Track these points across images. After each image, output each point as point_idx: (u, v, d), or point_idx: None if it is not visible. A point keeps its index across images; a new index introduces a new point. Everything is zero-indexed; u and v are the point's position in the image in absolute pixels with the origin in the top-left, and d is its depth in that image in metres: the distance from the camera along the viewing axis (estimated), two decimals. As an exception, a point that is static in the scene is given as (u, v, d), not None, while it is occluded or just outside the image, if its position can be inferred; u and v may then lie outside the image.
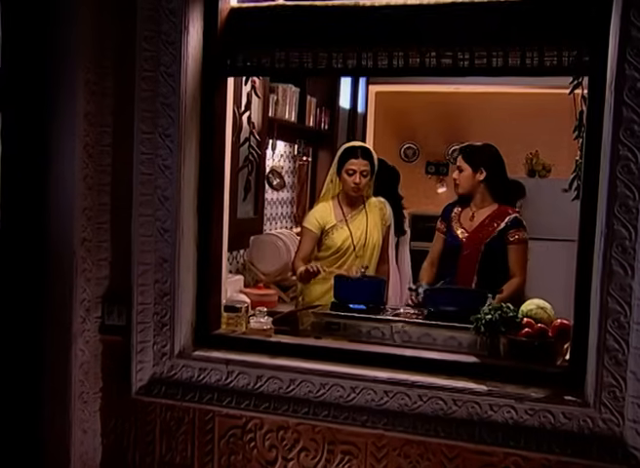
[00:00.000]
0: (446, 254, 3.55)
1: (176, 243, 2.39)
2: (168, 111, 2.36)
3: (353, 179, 3.58)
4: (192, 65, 2.39)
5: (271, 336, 2.55)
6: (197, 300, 2.51)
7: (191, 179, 2.43)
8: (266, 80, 3.61)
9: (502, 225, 3.40)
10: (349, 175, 3.58)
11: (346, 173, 3.59)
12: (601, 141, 2.08)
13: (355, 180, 3.57)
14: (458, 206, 3.59)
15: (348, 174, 3.59)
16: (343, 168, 3.59)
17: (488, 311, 2.40)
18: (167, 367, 2.42)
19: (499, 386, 2.18)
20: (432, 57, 2.30)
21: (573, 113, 6.79)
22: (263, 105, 3.82)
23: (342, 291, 3.01)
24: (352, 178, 3.58)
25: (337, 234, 3.61)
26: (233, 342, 2.50)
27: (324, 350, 2.42)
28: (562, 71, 2.24)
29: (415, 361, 2.34)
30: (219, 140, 2.53)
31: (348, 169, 3.59)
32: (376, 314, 2.91)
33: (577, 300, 2.18)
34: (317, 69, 2.43)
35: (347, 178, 3.59)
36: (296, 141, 5.06)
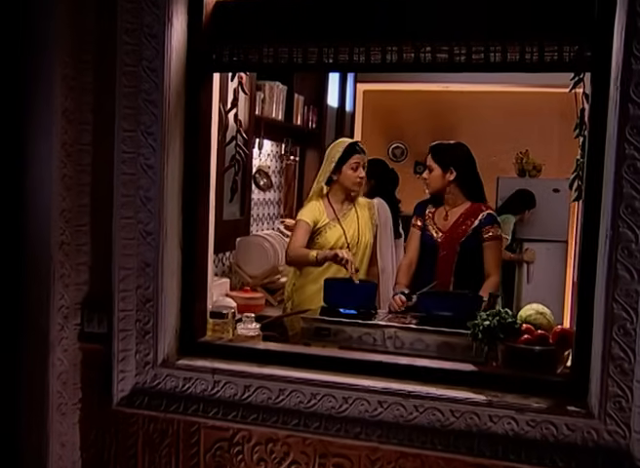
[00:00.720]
0: (423, 255, 3.47)
1: (159, 246, 2.28)
2: (150, 108, 2.24)
3: (358, 174, 3.54)
4: (176, 60, 2.28)
5: (259, 343, 2.45)
6: (182, 306, 2.39)
7: (175, 179, 2.32)
8: (253, 77, 3.50)
9: (476, 223, 3.35)
10: (354, 169, 3.51)
11: (350, 168, 3.52)
12: (605, 140, 1.99)
13: (360, 175, 3.54)
14: (430, 205, 3.52)
15: (352, 168, 3.51)
16: (347, 163, 3.51)
17: (486, 317, 2.30)
18: (150, 376, 2.31)
19: (498, 396, 2.08)
20: (427, 52, 2.20)
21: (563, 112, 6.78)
22: (250, 103, 3.72)
23: (333, 295, 2.91)
24: (357, 173, 3.53)
25: (330, 232, 3.52)
26: (219, 350, 2.39)
27: (315, 358, 2.31)
28: (563, 67, 2.13)
29: (410, 369, 2.23)
30: (204, 139, 2.42)
31: (353, 163, 3.52)
32: (367, 319, 2.82)
33: (579, 306, 2.08)
34: (307, 65, 2.33)
35: (352, 174, 3.53)
36: (283, 141, 4.95)
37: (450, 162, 3.39)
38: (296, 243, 3.49)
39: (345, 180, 3.54)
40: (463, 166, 3.41)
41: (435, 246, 3.40)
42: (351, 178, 3.54)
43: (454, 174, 3.38)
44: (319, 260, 3.32)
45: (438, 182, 3.44)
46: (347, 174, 3.53)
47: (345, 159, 3.51)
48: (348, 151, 3.52)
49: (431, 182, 3.47)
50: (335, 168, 3.51)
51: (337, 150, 3.54)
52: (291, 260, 3.53)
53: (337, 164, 3.50)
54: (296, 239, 3.50)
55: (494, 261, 3.32)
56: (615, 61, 1.94)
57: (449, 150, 3.44)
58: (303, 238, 3.48)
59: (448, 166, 3.39)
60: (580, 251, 2.10)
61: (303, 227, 3.50)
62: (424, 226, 3.48)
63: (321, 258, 3.32)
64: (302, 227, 3.50)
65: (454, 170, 3.38)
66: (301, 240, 3.47)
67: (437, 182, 3.45)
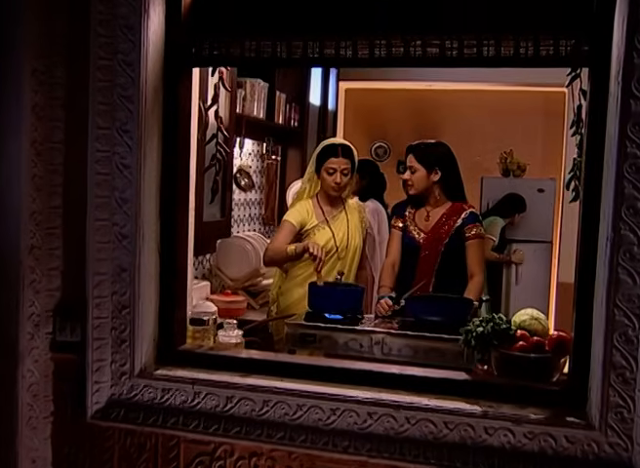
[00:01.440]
0: (404, 256, 3.38)
1: (136, 250, 2.16)
2: (126, 104, 2.12)
3: (334, 179, 3.38)
4: (153, 54, 2.16)
5: (242, 351, 2.34)
6: (160, 313, 2.27)
7: (153, 180, 2.20)
8: (234, 73, 3.38)
9: (459, 221, 3.27)
10: (329, 174, 3.38)
11: (326, 172, 3.39)
12: (604, 138, 1.91)
13: (336, 180, 3.38)
14: (409, 205, 3.43)
15: (328, 173, 3.38)
16: (323, 166, 3.38)
17: (479, 323, 2.21)
18: (126, 387, 2.18)
19: (493, 406, 1.98)
20: (417, 46, 2.10)
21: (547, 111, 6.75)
22: (231, 100, 3.59)
23: (317, 299, 2.81)
24: (333, 178, 3.38)
25: (319, 235, 3.39)
26: (200, 359, 2.27)
27: (301, 367, 2.20)
28: (559, 62, 2.04)
29: (400, 379, 2.13)
30: (183, 137, 2.31)
31: (329, 168, 3.38)
32: (353, 324, 2.72)
33: (577, 311, 2.00)
34: (291, 59, 2.22)
35: (327, 178, 3.39)
36: (264, 139, 4.83)
37: (434, 162, 3.30)
38: (276, 243, 3.37)
39: (323, 184, 3.43)
40: (448, 166, 3.32)
41: (417, 247, 3.31)
42: (328, 183, 3.41)
43: (439, 174, 3.30)
44: (297, 253, 3.20)
45: (422, 183, 3.36)
46: (324, 177, 3.41)
47: (322, 162, 3.39)
48: (325, 154, 3.39)
49: (415, 183, 3.38)
50: (315, 169, 3.39)
51: (316, 152, 3.43)
52: (269, 259, 3.39)
53: (316, 165, 3.38)
54: (277, 239, 3.38)
55: (477, 261, 3.24)
56: (615, 55, 1.85)
57: (432, 150, 3.35)
58: (286, 239, 3.35)
59: (433, 166, 3.30)
60: (577, 253, 2.02)
61: (287, 228, 3.37)
62: (405, 227, 3.39)
63: (299, 251, 3.20)
64: (286, 228, 3.38)
65: (439, 170, 3.29)
66: (283, 241, 3.34)
67: (421, 183, 3.36)
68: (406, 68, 6.07)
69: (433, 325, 2.65)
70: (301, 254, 3.16)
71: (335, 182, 3.38)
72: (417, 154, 3.35)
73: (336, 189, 3.41)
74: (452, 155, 3.35)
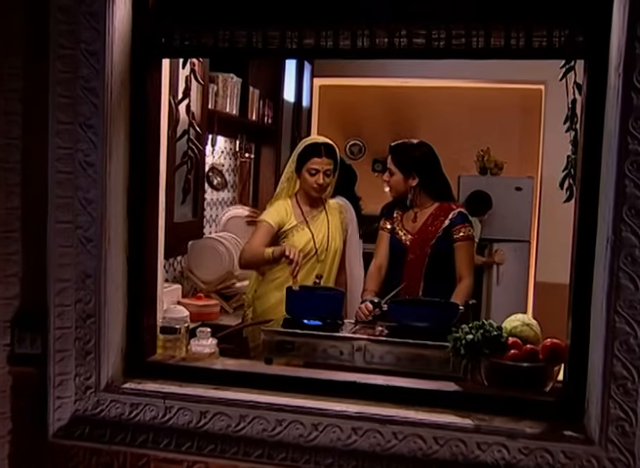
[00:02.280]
0: (391, 259, 3.25)
1: (101, 254, 2.01)
2: (90, 97, 1.97)
3: (316, 180, 3.24)
4: (119, 43, 2.00)
5: (217, 362, 2.19)
6: (128, 322, 2.13)
7: (119, 179, 2.05)
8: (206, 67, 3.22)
9: (447, 222, 3.14)
10: (312, 174, 3.24)
11: (308, 172, 3.24)
12: (603, 134, 1.80)
13: (318, 181, 3.24)
14: (398, 207, 3.30)
15: (311, 173, 3.24)
16: (305, 166, 3.24)
17: (468, 330, 2.08)
18: (92, 403, 2.03)
19: (486, 419, 1.87)
20: (403, 36, 1.98)
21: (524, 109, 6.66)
22: (203, 96, 3.43)
23: (296, 304, 2.67)
24: (315, 179, 3.24)
25: (297, 236, 3.25)
26: (172, 371, 2.12)
27: (280, 379, 2.06)
28: (553, 53, 1.93)
29: (387, 390, 2.00)
30: (152, 133, 2.16)
31: (311, 168, 3.24)
32: (333, 331, 2.59)
33: (574, 318, 1.88)
34: (268, 50, 2.08)
35: (309, 178, 3.25)
36: (237, 137, 4.68)
37: (412, 167, 3.18)
38: (252, 244, 3.21)
39: (304, 185, 3.29)
40: (426, 170, 3.20)
41: (403, 249, 3.18)
42: (310, 184, 3.26)
43: (416, 179, 3.17)
44: (275, 257, 3.06)
45: (400, 187, 3.24)
46: (305, 178, 3.26)
47: (304, 162, 3.24)
48: (307, 154, 3.25)
49: (393, 186, 3.27)
50: (296, 169, 3.25)
51: (297, 149, 3.29)
52: (245, 262, 3.24)
53: (297, 165, 3.24)
54: (254, 240, 3.22)
55: (466, 263, 3.12)
56: (615, 46, 1.73)
57: (410, 153, 3.22)
58: (263, 240, 3.20)
59: (410, 171, 3.18)
60: (573, 256, 1.91)
61: (265, 229, 3.22)
62: (393, 229, 3.26)
63: (277, 255, 3.05)
64: (263, 229, 3.22)
65: (416, 175, 3.17)
66: (260, 242, 3.19)
67: (399, 187, 3.24)
68: (381, 64, 6.03)
69: (417, 330, 2.52)
70: (279, 258, 3.02)
71: (317, 184, 3.24)
72: (394, 157, 3.23)
73: (317, 190, 3.28)
74: (432, 157, 3.23)
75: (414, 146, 3.24)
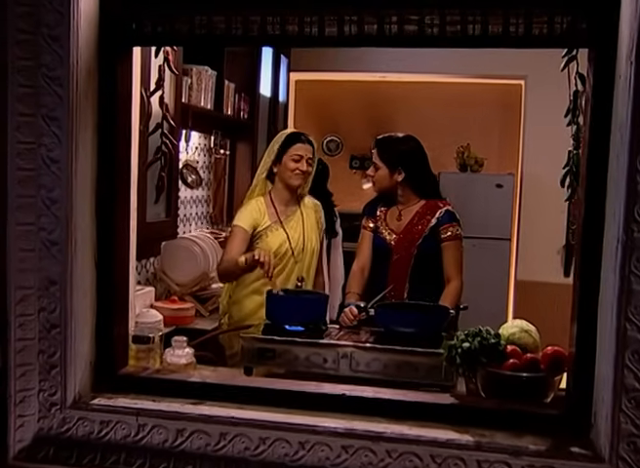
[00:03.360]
0: (375, 260, 3.11)
1: (67, 259, 1.84)
2: (53, 87, 1.80)
3: (299, 166, 3.10)
4: (86, 28, 1.84)
5: (194, 374, 2.04)
6: (97, 332, 1.96)
7: (87, 176, 1.89)
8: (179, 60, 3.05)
9: (434, 221, 3.00)
10: (295, 161, 3.09)
11: (292, 159, 3.09)
12: (610, 127, 1.67)
13: (302, 167, 3.10)
14: (381, 204, 3.15)
15: (294, 160, 3.09)
16: (287, 153, 3.09)
17: (464, 337, 1.95)
18: (57, 421, 1.86)
19: (486, 435, 1.73)
20: (393, 22, 1.84)
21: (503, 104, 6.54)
22: (176, 89, 3.27)
23: (277, 309, 2.52)
24: (298, 165, 3.10)
25: (272, 236, 3.09)
26: (145, 384, 1.96)
27: (263, 392, 1.91)
28: (554, 42, 1.79)
29: (377, 404, 1.86)
30: (123, 126, 2.00)
31: (295, 154, 3.10)
32: (317, 337, 2.44)
33: (579, 324, 1.75)
34: (248, 37, 1.92)
35: (292, 165, 3.10)
36: (212, 132, 4.50)
37: (398, 161, 3.04)
38: (229, 254, 3.03)
39: (285, 173, 3.12)
40: (413, 165, 3.06)
41: (388, 249, 3.04)
42: (291, 170, 3.10)
43: (402, 174, 3.03)
44: (249, 264, 2.89)
45: (385, 182, 3.09)
46: (287, 165, 3.10)
47: (286, 149, 3.09)
48: (290, 140, 3.11)
49: (377, 181, 3.12)
50: (275, 159, 3.08)
51: (277, 140, 3.13)
52: (222, 275, 3.08)
53: (277, 154, 3.08)
54: (230, 249, 3.04)
55: (454, 264, 2.99)
56: (627, 33, 1.60)
57: (396, 147, 3.08)
58: (239, 248, 3.03)
59: (395, 166, 3.04)
60: (578, 258, 1.78)
61: (239, 235, 3.05)
62: (376, 228, 3.11)
63: (250, 261, 2.87)
64: (238, 235, 3.05)
65: (402, 170, 3.02)
66: (237, 250, 3.02)
67: (384, 182, 3.09)
68: (359, 59, 5.89)
69: (405, 336, 2.39)
70: (253, 264, 2.84)
71: (300, 170, 3.10)
72: (380, 151, 3.08)
73: (300, 177, 3.13)
74: (420, 152, 3.09)
75: (401, 140, 3.10)
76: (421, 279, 2.99)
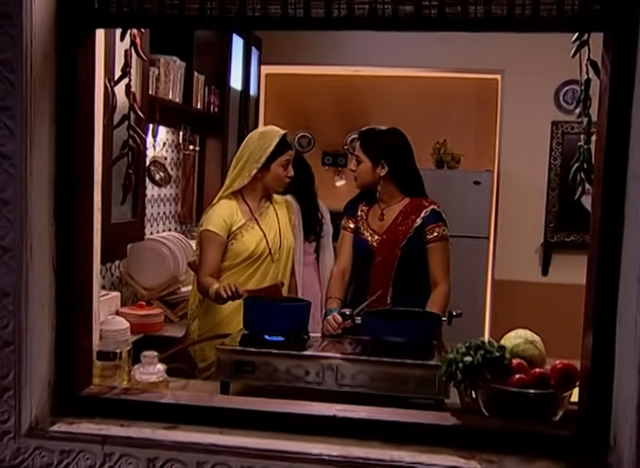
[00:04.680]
0: (356, 262, 2.92)
1: (22, 267, 1.63)
2: (4, 73, 1.59)
3: (287, 172, 2.95)
4: (42, 7, 1.63)
5: (166, 393, 1.83)
6: (57, 348, 1.75)
7: (44, 174, 1.68)
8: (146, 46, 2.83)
9: (419, 221, 2.81)
10: (284, 167, 2.93)
11: (281, 166, 2.92)
12: (630, 117, 1.51)
13: (290, 173, 2.96)
14: (362, 203, 2.97)
15: (283, 167, 2.93)
16: (276, 161, 2.90)
17: (465, 351, 1.78)
18: (10, 451, 1.65)
19: (494, 461, 1.57)
20: (387, 2, 1.66)
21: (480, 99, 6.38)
22: (142, 80, 3.05)
23: (256, 318, 2.32)
24: (287, 172, 2.95)
25: (248, 236, 2.87)
26: (111, 406, 1.76)
27: (244, 414, 1.72)
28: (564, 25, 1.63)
29: (373, 425, 1.68)
30: (84, 118, 1.79)
31: (284, 161, 2.92)
32: (300, 348, 2.25)
33: (595, 336, 1.59)
34: (225, 19, 1.73)
35: (281, 172, 2.93)
36: (180, 127, 4.28)
37: (381, 155, 2.84)
38: (205, 269, 2.78)
39: (273, 180, 2.93)
40: (397, 159, 2.87)
41: (370, 251, 2.85)
42: (280, 178, 2.93)
43: (385, 169, 2.84)
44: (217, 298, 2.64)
45: (367, 177, 2.89)
46: (277, 173, 2.91)
47: (277, 155, 2.89)
48: (281, 146, 2.91)
49: (359, 175, 2.92)
50: (266, 164, 2.88)
51: (267, 143, 2.87)
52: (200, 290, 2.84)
53: (268, 159, 2.87)
54: (206, 259, 2.80)
55: (441, 267, 2.81)
56: (651, 13, 1.44)
57: (380, 140, 2.89)
58: (216, 256, 2.81)
59: (379, 159, 2.84)
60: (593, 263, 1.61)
61: (213, 241, 2.82)
62: (357, 229, 2.92)
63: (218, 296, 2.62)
64: (211, 241, 2.82)
65: (385, 164, 2.83)
66: (215, 259, 2.80)
67: (366, 177, 2.89)
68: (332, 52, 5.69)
69: (394, 346, 2.21)
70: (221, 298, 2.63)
71: (288, 176, 2.96)
72: (364, 143, 2.89)
73: (287, 184, 2.99)
74: (405, 146, 2.91)
75: (386, 132, 2.91)
76: (406, 283, 2.80)
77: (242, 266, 2.84)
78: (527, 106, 5.58)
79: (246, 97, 4.95)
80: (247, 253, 2.83)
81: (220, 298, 2.59)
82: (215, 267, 2.79)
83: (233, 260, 2.84)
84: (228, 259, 2.84)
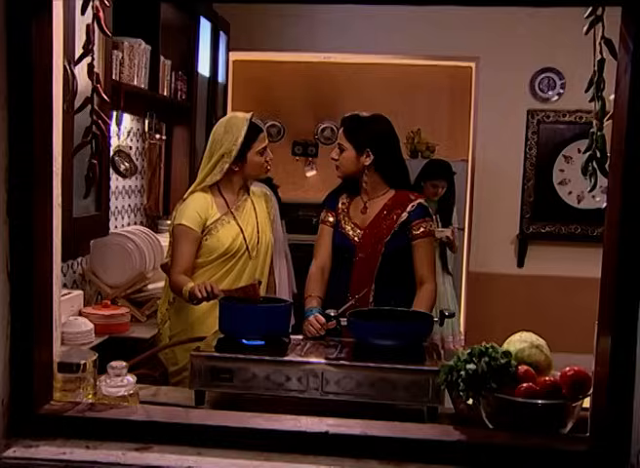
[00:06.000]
0: (336, 259, 2.75)
1: (-30, 271, 1.43)
2: (-54, 48, 1.39)
3: (266, 157, 2.74)
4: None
5: (137, 409, 1.65)
6: (12, 361, 1.56)
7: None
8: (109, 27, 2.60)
9: (404, 216, 2.64)
10: (261, 153, 2.72)
11: (259, 154, 2.72)
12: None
13: (268, 157, 2.75)
14: (344, 194, 2.79)
15: (261, 153, 2.72)
16: (252, 149, 2.70)
17: (468, 357, 1.62)
18: (-40, 480, 1.45)
19: (504, 481, 1.42)
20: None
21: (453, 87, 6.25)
22: (105, 64, 2.83)
23: (233, 321, 2.14)
24: (265, 157, 2.74)
25: (223, 231, 2.67)
26: (75, 425, 1.57)
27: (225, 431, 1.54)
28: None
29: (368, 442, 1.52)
30: (41, 102, 1.60)
31: (260, 147, 2.71)
32: (282, 353, 2.08)
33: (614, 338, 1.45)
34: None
35: (259, 159, 2.72)
36: (146, 115, 4.05)
37: (366, 142, 2.66)
38: (178, 266, 2.58)
39: (253, 170, 2.74)
40: (383, 148, 2.69)
41: (351, 247, 2.68)
42: (261, 166, 2.74)
43: (370, 157, 2.66)
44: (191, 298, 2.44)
45: (350, 166, 2.71)
46: (255, 161, 2.71)
47: (250, 144, 2.69)
48: (252, 132, 2.70)
49: (342, 164, 2.73)
50: (241, 154, 2.68)
51: (235, 134, 2.66)
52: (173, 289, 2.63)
53: (242, 148, 2.67)
54: (179, 256, 2.60)
55: (428, 264, 2.65)
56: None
57: (366, 126, 2.71)
58: (190, 252, 2.61)
59: (363, 147, 2.66)
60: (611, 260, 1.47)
61: (187, 236, 2.61)
62: (337, 222, 2.75)
63: (191, 297, 2.44)
64: (185, 237, 2.62)
65: (371, 153, 2.66)
66: (188, 256, 2.61)
67: (349, 165, 2.71)
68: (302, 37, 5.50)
69: (384, 349, 2.05)
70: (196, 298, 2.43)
71: (267, 160, 2.75)
72: (347, 130, 2.71)
73: (267, 169, 2.79)
74: (392, 135, 2.74)
75: (371, 119, 2.73)
76: (389, 281, 2.64)
77: (217, 263, 2.65)
78: (502, 94, 5.46)
79: (214, 85, 4.73)
80: (222, 250, 2.64)
81: (195, 298, 2.40)
82: (188, 264, 2.60)
83: (207, 257, 2.65)
84: (202, 256, 2.65)
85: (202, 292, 2.35)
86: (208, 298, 2.37)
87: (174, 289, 2.58)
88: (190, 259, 2.60)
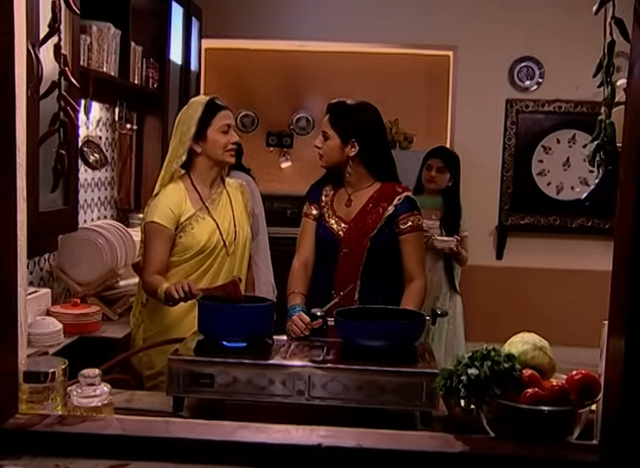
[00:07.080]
0: (319, 254, 2.63)
1: None
2: None
3: (230, 138, 2.59)
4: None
5: (112, 421, 1.52)
6: (-28, 371, 1.41)
7: (-50, 156, 1.34)
8: (77, 8, 2.45)
9: (391, 209, 2.54)
10: (225, 132, 2.58)
11: (221, 131, 2.57)
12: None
13: (233, 139, 2.60)
14: (328, 185, 2.67)
15: (223, 132, 2.58)
16: (212, 126, 2.56)
17: (469, 362, 1.51)
18: None
19: (513, 496, 1.31)
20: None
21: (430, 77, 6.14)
22: (72, 48, 2.68)
23: (213, 322, 2.01)
24: (229, 137, 2.59)
25: (198, 227, 2.53)
26: (44, 441, 1.43)
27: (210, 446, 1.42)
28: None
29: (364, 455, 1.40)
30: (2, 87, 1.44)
31: (222, 125, 2.58)
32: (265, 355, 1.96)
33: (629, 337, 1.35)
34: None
35: (222, 139, 2.58)
36: (116, 104, 3.89)
37: (352, 132, 2.54)
38: (154, 264, 2.45)
39: (214, 150, 2.57)
40: (370, 138, 2.57)
41: (335, 241, 2.56)
42: (222, 146, 2.57)
43: (356, 148, 2.54)
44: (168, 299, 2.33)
45: (335, 155, 2.59)
46: (217, 140, 2.56)
47: (209, 120, 2.55)
48: (211, 109, 2.57)
49: (326, 153, 2.60)
50: (196, 134, 2.54)
51: (194, 110, 2.57)
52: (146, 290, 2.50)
53: (198, 128, 2.54)
54: (152, 255, 2.47)
55: (417, 260, 2.54)
56: None
57: (353, 114, 2.59)
58: (163, 251, 2.48)
59: (349, 137, 2.55)
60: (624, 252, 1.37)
61: (160, 234, 2.48)
62: (321, 216, 2.63)
63: (168, 297, 2.32)
64: (158, 235, 2.48)
65: (356, 143, 2.54)
66: (162, 255, 2.47)
67: (333, 155, 2.59)
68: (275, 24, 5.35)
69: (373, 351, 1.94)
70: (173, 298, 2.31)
71: (232, 142, 2.60)
72: (333, 117, 2.59)
73: (233, 152, 2.63)
74: (379, 124, 2.62)
75: (358, 107, 2.61)
76: (375, 277, 2.53)
77: (193, 262, 2.52)
78: (480, 84, 5.39)
79: (187, 73, 4.58)
80: (198, 248, 2.50)
81: (172, 299, 2.27)
82: (162, 264, 2.46)
83: (182, 255, 2.51)
84: (176, 254, 2.51)
85: (179, 292, 2.22)
86: (185, 299, 2.24)
87: (147, 290, 2.44)
88: (164, 259, 2.47)
